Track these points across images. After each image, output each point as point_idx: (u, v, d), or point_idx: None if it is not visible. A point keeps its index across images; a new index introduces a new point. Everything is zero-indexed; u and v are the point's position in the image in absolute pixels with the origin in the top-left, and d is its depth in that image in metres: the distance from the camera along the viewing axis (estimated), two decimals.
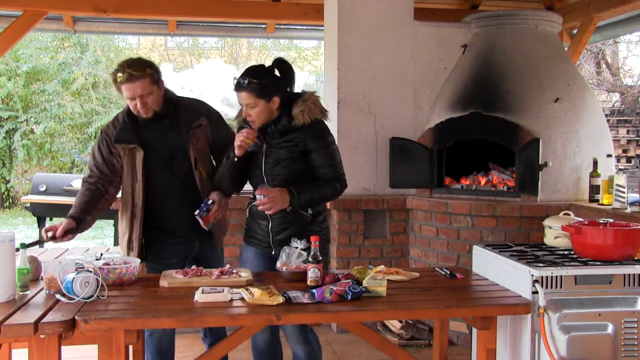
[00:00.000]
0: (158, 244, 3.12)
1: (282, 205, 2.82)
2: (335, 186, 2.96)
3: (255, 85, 2.80)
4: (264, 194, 2.80)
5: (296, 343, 2.95)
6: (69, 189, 6.99)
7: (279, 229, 2.95)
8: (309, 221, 2.95)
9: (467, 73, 4.67)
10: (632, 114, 11.23)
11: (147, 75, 2.89)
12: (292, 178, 2.89)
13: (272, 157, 2.92)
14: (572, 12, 5.59)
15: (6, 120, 13.00)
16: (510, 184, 4.42)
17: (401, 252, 4.74)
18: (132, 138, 3.01)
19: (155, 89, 2.94)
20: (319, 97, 2.98)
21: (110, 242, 8.57)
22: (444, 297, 2.65)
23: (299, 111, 2.87)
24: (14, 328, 2.15)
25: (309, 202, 2.89)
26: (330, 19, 4.87)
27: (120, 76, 2.87)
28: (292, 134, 2.90)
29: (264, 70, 2.89)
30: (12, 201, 13.13)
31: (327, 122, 3.00)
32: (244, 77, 2.81)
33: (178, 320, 2.35)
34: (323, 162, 2.93)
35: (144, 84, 2.88)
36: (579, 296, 2.66)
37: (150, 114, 2.96)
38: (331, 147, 2.97)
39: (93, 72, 13.40)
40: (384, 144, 4.72)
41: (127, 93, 2.90)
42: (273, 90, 2.85)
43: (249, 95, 2.81)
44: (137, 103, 2.91)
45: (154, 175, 3.05)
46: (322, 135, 2.94)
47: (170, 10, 5.57)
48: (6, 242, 2.41)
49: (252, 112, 2.85)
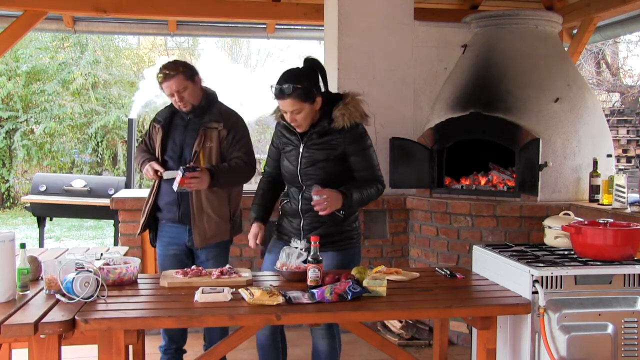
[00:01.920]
0: (159, 225, 3.48)
1: (337, 206, 2.84)
2: (378, 187, 3.00)
3: (299, 90, 2.79)
4: (320, 194, 2.80)
5: (320, 337, 2.96)
6: (69, 189, 6.99)
7: (311, 227, 2.97)
8: (340, 221, 2.96)
9: (467, 73, 4.67)
10: (632, 114, 11.22)
11: (180, 73, 3.27)
12: (326, 179, 2.90)
13: (308, 157, 2.93)
14: (572, 12, 5.59)
15: (6, 120, 13.00)
16: (510, 184, 4.42)
17: (401, 252, 4.74)
18: (161, 119, 3.45)
19: (189, 84, 3.31)
20: (360, 100, 2.98)
21: (110, 242, 8.57)
22: (444, 297, 2.65)
23: (340, 114, 2.87)
24: (14, 328, 2.15)
25: (359, 202, 2.92)
26: (330, 19, 4.87)
27: (159, 77, 3.28)
28: (330, 136, 2.91)
29: (302, 73, 2.88)
30: (12, 201, 13.13)
31: (366, 125, 3.01)
32: (286, 84, 2.79)
33: (178, 320, 2.35)
34: (363, 166, 2.96)
35: (178, 80, 3.26)
36: (579, 296, 2.66)
37: (189, 107, 3.35)
38: (369, 150, 3.00)
39: (93, 72, 13.39)
40: (384, 144, 4.72)
41: (166, 91, 3.31)
42: (315, 91, 2.85)
43: (294, 102, 2.81)
44: (175, 98, 3.30)
45: (167, 158, 3.41)
46: (360, 139, 2.96)
47: (170, 10, 5.56)
48: (6, 242, 2.41)
49: (299, 117, 2.86)
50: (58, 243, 9.19)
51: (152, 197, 3.45)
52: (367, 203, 3.04)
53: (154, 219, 3.49)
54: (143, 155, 3.47)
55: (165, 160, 3.42)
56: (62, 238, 9.76)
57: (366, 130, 3.03)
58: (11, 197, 13.19)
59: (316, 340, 2.99)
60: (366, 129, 3.03)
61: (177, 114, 3.45)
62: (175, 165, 3.36)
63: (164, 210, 3.43)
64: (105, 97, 13.65)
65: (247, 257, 4.54)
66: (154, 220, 3.50)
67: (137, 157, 3.54)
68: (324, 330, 2.94)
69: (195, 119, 3.39)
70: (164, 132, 3.43)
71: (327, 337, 2.95)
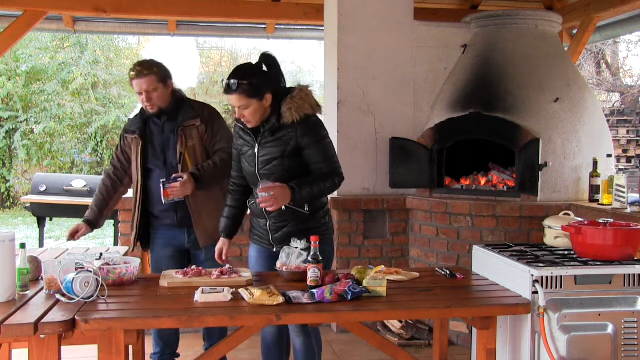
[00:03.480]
0: (152, 230, 3.45)
1: (285, 202, 2.80)
2: (334, 180, 2.93)
3: (246, 86, 2.77)
4: (265, 191, 2.78)
5: (295, 335, 2.96)
6: (69, 189, 6.98)
7: (277, 227, 2.96)
8: (307, 218, 2.93)
9: (467, 73, 4.66)
10: (632, 114, 11.23)
11: (153, 74, 3.22)
12: (286, 176, 2.87)
13: (264, 156, 2.90)
14: (572, 12, 5.60)
15: (6, 120, 13.00)
16: (510, 184, 4.42)
17: (401, 252, 4.74)
18: (136, 129, 3.37)
19: (160, 87, 3.25)
20: (310, 92, 2.92)
21: (110, 242, 8.57)
22: (444, 297, 2.65)
23: (287, 109, 2.83)
24: (14, 328, 2.15)
25: (310, 196, 2.86)
26: (330, 19, 4.87)
27: (131, 74, 3.24)
28: (282, 132, 2.87)
29: (252, 69, 2.86)
30: (12, 201, 13.13)
31: (320, 115, 2.95)
32: (232, 80, 2.78)
33: (178, 320, 2.35)
34: (318, 158, 2.90)
35: (149, 80, 3.21)
36: (579, 296, 2.66)
37: (155, 109, 3.28)
38: (324, 142, 2.92)
39: (92, 72, 13.39)
40: (384, 144, 4.72)
41: (136, 88, 3.25)
42: (264, 87, 2.81)
43: (240, 97, 2.78)
44: (143, 97, 3.24)
45: (151, 166, 3.36)
46: (313, 131, 2.89)
47: (170, 10, 5.57)
48: (6, 242, 2.41)
49: (246, 113, 2.83)
50: (58, 243, 9.19)
51: (138, 211, 3.37)
52: (322, 197, 3.00)
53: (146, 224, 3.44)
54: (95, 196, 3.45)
55: (149, 169, 3.36)
56: (62, 238, 9.76)
57: (321, 121, 2.96)
58: (11, 197, 13.19)
59: (292, 338, 2.99)
60: (320, 118, 2.96)
61: (149, 120, 3.37)
62: (161, 172, 3.32)
63: (159, 217, 3.39)
64: (105, 97, 13.66)
65: (247, 257, 4.53)
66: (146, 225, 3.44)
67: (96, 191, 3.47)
68: (299, 327, 2.92)
69: (169, 121, 3.32)
70: (143, 141, 3.34)
71: (302, 335, 2.94)
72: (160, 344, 3.49)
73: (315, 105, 2.90)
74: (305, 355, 2.95)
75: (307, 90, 2.91)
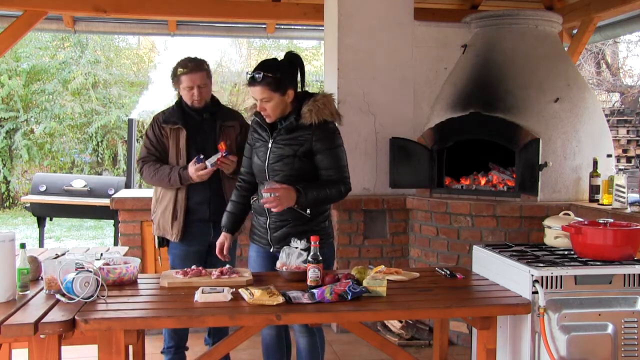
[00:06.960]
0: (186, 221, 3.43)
1: (289, 203, 2.82)
2: (340, 188, 2.97)
3: (270, 79, 2.82)
4: (270, 191, 2.80)
5: (300, 334, 2.96)
6: (69, 189, 6.99)
7: (276, 226, 2.97)
8: (307, 220, 2.95)
9: (467, 73, 4.67)
10: (632, 114, 11.23)
11: (204, 70, 3.44)
12: (294, 175, 2.89)
13: (276, 153, 2.93)
14: (572, 12, 5.60)
15: (6, 120, 12.99)
16: (510, 184, 4.42)
17: (401, 252, 4.74)
18: (177, 120, 3.46)
19: (209, 83, 3.47)
20: (333, 100, 2.98)
21: (110, 242, 8.57)
22: (444, 297, 2.65)
23: (307, 110, 2.88)
24: (14, 328, 2.15)
25: (314, 201, 2.89)
26: (330, 19, 4.87)
27: (182, 70, 3.39)
28: (298, 132, 2.91)
29: (278, 64, 2.90)
30: (12, 201, 13.13)
31: (338, 124, 2.99)
32: (258, 72, 2.83)
33: (178, 320, 2.35)
34: (328, 164, 2.94)
35: (202, 75, 3.41)
36: (579, 296, 2.66)
37: (202, 103, 3.45)
38: (337, 150, 2.97)
39: (93, 71, 13.39)
40: (384, 144, 4.72)
41: (188, 83, 3.39)
42: (287, 83, 2.87)
43: (263, 90, 2.83)
44: (194, 92, 3.39)
45: (190, 159, 3.39)
46: (329, 137, 2.94)
47: (170, 10, 5.57)
48: (6, 242, 2.41)
49: (267, 106, 2.87)
50: (58, 243, 9.19)
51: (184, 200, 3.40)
52: (327, 203, 3.03)
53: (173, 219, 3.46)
54: (164, 168, 3.41)
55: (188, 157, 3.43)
56: (62, 238, 9.76)
57: (338, 129, 3.00)
58: (11, 197, 13.19)
59: (297, 338, 3.01)
60: (339, 128, 3.01)
61: (187, 115, 3.47)
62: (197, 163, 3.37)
63: (193, 210, 3.43)
64: (105, 97, 13.64)
65: (247, 257, 4.53)
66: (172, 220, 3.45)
67: (156, 173, 3.41)
68: (303, 327, 2.94)
69: (210, 118, 3.48)
70: (187, 130, 3.44)
71: (306, 335, 2.95)
72: (175, 338, 3.54)
73: (335, 113, 2.96)
74: (309, 355, 2.97)
75: (330, 98, 2.98)
